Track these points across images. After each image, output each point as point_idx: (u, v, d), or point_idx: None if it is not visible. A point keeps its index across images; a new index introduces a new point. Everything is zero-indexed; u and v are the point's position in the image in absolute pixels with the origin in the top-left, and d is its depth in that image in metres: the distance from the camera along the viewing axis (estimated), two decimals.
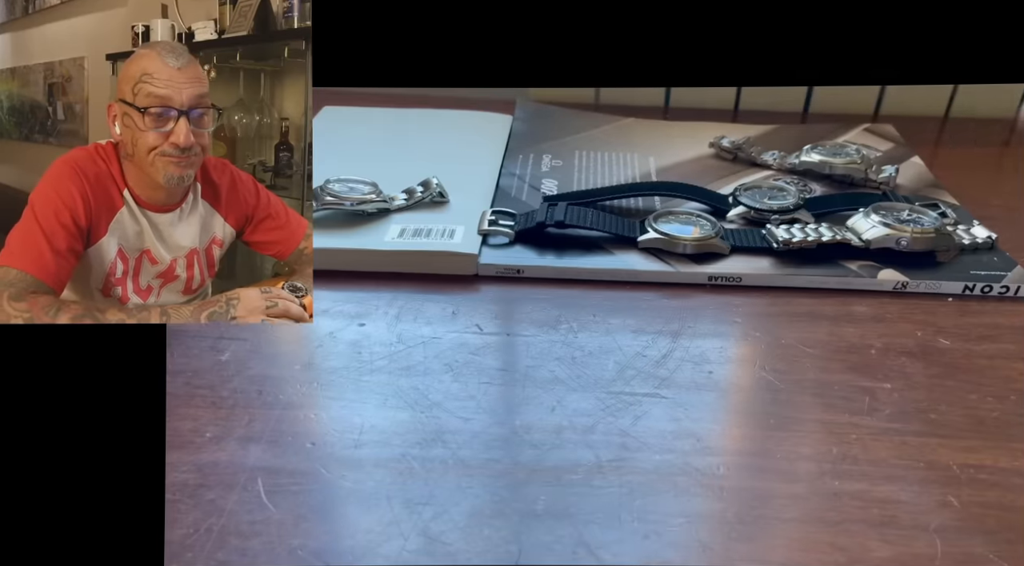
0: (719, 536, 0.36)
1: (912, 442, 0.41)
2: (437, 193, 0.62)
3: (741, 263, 0.55)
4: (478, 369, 0.45)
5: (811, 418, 0.42)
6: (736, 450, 0.40)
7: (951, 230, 0.57)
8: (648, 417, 0.42)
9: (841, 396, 0.44)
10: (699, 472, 0.39)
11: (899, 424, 0.42)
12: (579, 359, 0.46)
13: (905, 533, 0.36)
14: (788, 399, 0.44)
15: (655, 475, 0.38)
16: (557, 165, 0.71)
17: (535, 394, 0.44)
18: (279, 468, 0.39)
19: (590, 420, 0.42)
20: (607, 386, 0.44)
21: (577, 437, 0.41)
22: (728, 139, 0.74)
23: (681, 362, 0.46)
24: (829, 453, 0.40)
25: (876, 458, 0.40)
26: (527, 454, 0.40)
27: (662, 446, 0.40)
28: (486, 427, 0.41)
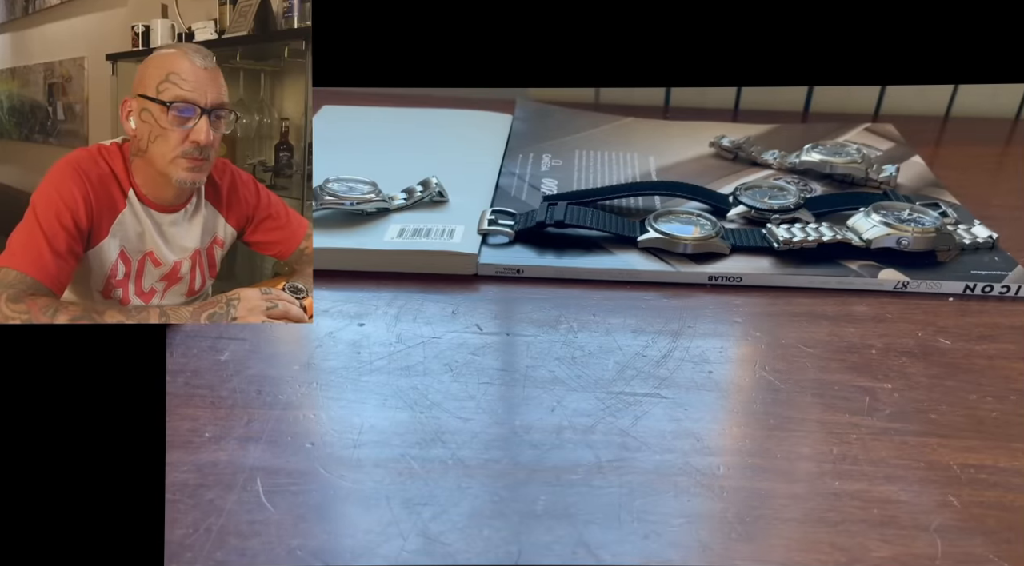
0: (719, 536, 0.36)
1: (912, 442, 0.41)
2: (437, 193, 0.62)
3: (741, 263, 0.55)
4: (478, 369, 0.45)
5: (811, 418, 0.42)
6: (736, 450, 0.40)
7: (952, 230, 0.57)
8: (648, 417, 0.42)
9: (841, 396, 0.44)
10: (699, 472, 0.39)
11: (899, 424, 0.42)
12: (579, 359, 0.46)
13: (905, 533, 0.36)
14: (788, 399, 0.44)
15: (655, 475, 0.38)
16: (557, 165, 0.71)
17: (535, 394, 0.44)
18: (278, 468, 0.39)
19: (590, 420, 0.42)
20: (607, 386, 0.44)
21: (577, 437, 0.41)
22: (728, 138, 0.74)
23: (681, 362, 0.46)
24: (829, 453, 0.40)
25: (876, 458, 0.40)
26: (527, 454, 0.40)
27: (662, 446, 0.40)
28: (486, 427, 0.41)
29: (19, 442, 0.37)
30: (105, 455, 0.37)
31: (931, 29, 0.66)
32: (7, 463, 0.36)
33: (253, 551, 0.34)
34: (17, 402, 0.37)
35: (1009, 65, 0.67)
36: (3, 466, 0.36)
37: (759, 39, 0.66)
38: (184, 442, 0.40)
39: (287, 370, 0.45)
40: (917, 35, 0.66)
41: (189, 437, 0.40)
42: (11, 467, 0.36)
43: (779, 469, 0.39)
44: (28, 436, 0.37)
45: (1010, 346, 0.48)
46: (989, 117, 0.87)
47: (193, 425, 0.41)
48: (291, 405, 0.43)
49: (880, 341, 0.48)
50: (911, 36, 0.66)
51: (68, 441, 0.37)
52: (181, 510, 0.36)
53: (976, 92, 0.86)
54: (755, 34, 0.66)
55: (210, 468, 0.38)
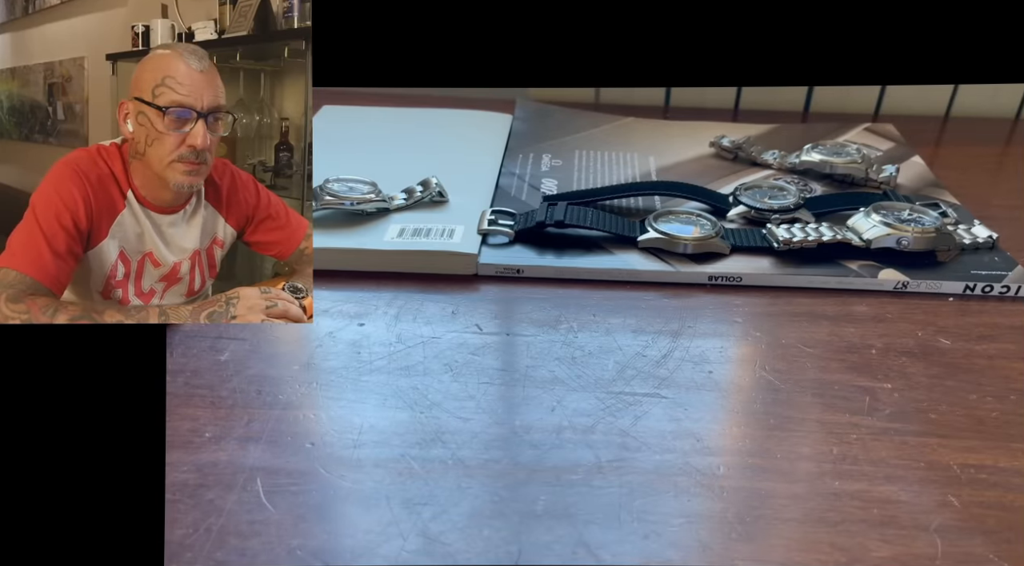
0: (719, 536, 0.36)
1: (912, 442, 0.41)
2: (436, 193, 0.62)
3: (741, 263, 0.55)
4: (478, 369, 0.45)
5: (811, 418, 0.42)
6: (736, 450, 0.40)
7: (952, 230, 0.57)
8: (648, 417, 0.42)
9: (841, 396, 0.44)
10: (699, 472, 0.39)
11: (899, 424, 0.42)
12: (579, 359, 0.46)
13: (905, 533, 0.36)
14: (788, 399, 0.44)
15: (655, 475, 0.38)
16: (557, 165, 0.71)
17: (535, 394, 0.44)
18: (278, 468, 0.39)
19: (590, 420, 0.42)
20: (607, 386, 0.44)
21: (577, 437, 0.41)
22: (728, 138, 0.74)
23: (681, 362, 0.46)
24: (829, 453, 0.40)
25: (876, 458, 0.40)
26: (527, 454, 0.40)
27: (662, 446, 0.40)
28: (486, 427, 0.41)
29: (19, 442, 0.37)
30: (105, 455, 0.37)
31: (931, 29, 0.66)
32: (7, 463, 0.36)
33: (253, 551, 0.34)
34: (17, 402, 0.37)
35: (1009, 65, 0.67)
36: (3, 466, 0.36)
37: (759, 39, 0.66)
38: (184, 442, 0.40)
39: (287, 370, 0.45)
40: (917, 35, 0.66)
41: (189, 437, 0.40)
42: (11, 467, 0.36)
43: (779, 469, 0.39)
44: (28, 436, 0.37)
45: (1010, 346, 0.48)
46: (989, 117, 0.87)
47: (193, 425, 0.41)
48: (291, 405, 0.43)
49: (880, 341, 0.48)
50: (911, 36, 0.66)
51: (68, 441, 0.37)
52: (181, 510, 0.36)
53: (976, 92, 0.86)
54: (755, 34, 0.66)
55: (210, 468, 0.38)
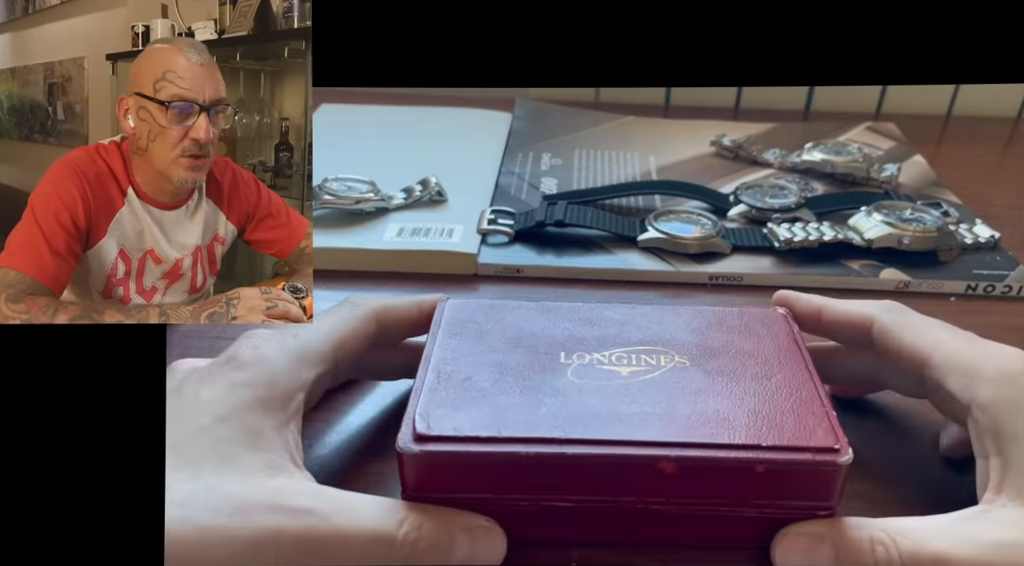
0: None
1: None
2: (436, 192, 0.62)
3: (742, 262, 0.55)
4: None
5: None
6: None
7: (953, 229, 0.57)
8: None
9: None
10: None
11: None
12: None
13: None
14: None
15: None
16: (557, 164, 0.71)
17: None
18: None
19: None
20: None
21: None
22: (729, 137, 0.73)
23: None
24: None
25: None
26: None
27: None
28: None
29: (18, 442, 0.37)
30: (105, 455, 0.37)
31: (931, 29, 0.65)
32: (6, 463, 0.36)
33: None
34: (17, 402, 0.37)
35: (1010, 65, 0.67)
36: (2, 466, 0.36)
37: (759, 39, 0.66)
38: None
39: None
40: (917, 35, 0.66)
41: None
42: (10, 467, 0.36)
43: None
44: (27, 436, 0.37)
45: (1012, 346, 0.48)
46: (991, 116, 0.87)
47: None
48: None
49: None
50: (911, 36, 0.66)
51: (68, 441, 0.37)
52: None
53: (978, 91, 0.86)
54: (755, 34, 0.66)
55: None
